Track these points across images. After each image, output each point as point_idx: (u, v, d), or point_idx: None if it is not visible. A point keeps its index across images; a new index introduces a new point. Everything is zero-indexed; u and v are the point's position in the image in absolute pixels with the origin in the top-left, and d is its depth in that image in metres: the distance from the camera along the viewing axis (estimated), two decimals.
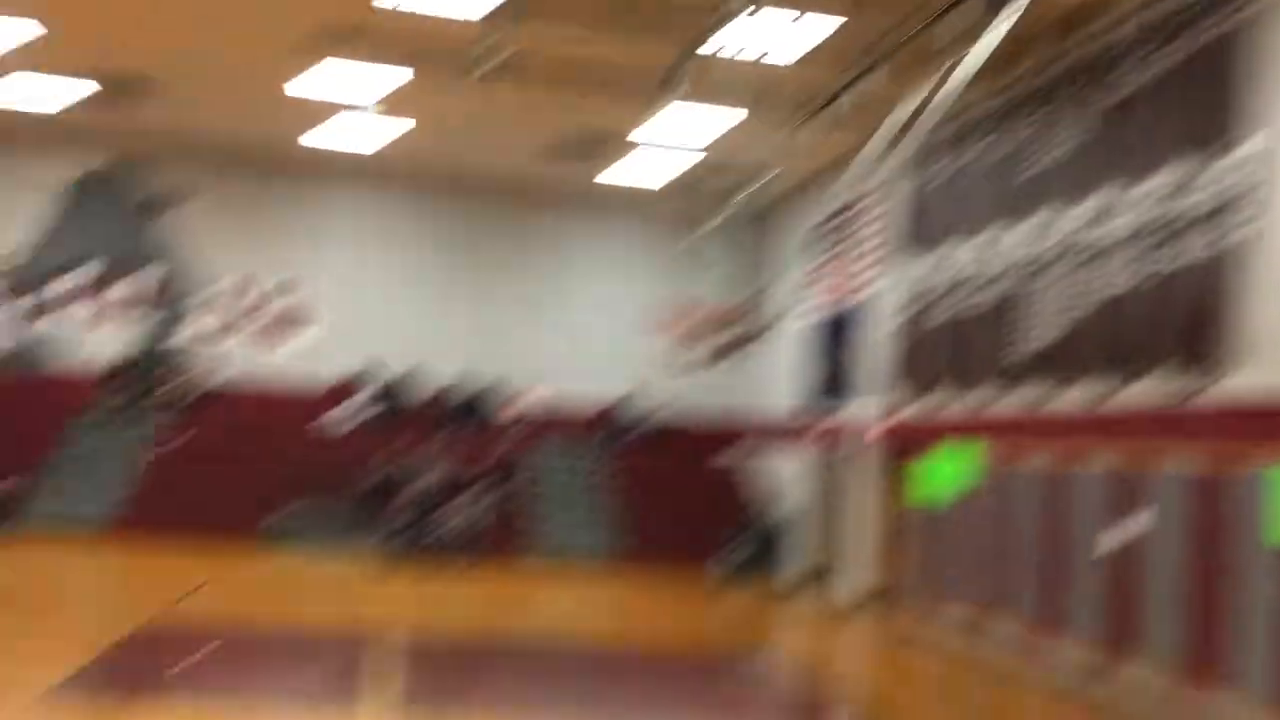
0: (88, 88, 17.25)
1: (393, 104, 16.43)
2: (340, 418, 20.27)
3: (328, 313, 21.03)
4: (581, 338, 21.56)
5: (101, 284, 20.49)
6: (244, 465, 18.37)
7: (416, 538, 17.47)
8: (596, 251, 22.16)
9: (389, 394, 20.71)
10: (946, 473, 13.54)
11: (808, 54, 12.88)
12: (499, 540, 17.92)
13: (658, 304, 17.67)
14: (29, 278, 20.19)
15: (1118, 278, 10.54)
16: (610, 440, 21.01)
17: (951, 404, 13.69)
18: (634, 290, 21.43)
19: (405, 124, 17.45)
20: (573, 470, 20.28)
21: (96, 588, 14.03)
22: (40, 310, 20.24)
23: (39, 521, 16.70)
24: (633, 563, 17.96)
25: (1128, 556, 10.06)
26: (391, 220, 21.74)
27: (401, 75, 15.05)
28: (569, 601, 15.88)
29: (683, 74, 13.17)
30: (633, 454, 20.72)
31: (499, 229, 21.86)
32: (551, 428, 20.78)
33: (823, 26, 12.19)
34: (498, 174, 20.81)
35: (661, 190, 20.06)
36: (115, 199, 20.56)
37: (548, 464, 20.17)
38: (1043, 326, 11.76)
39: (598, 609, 15.53)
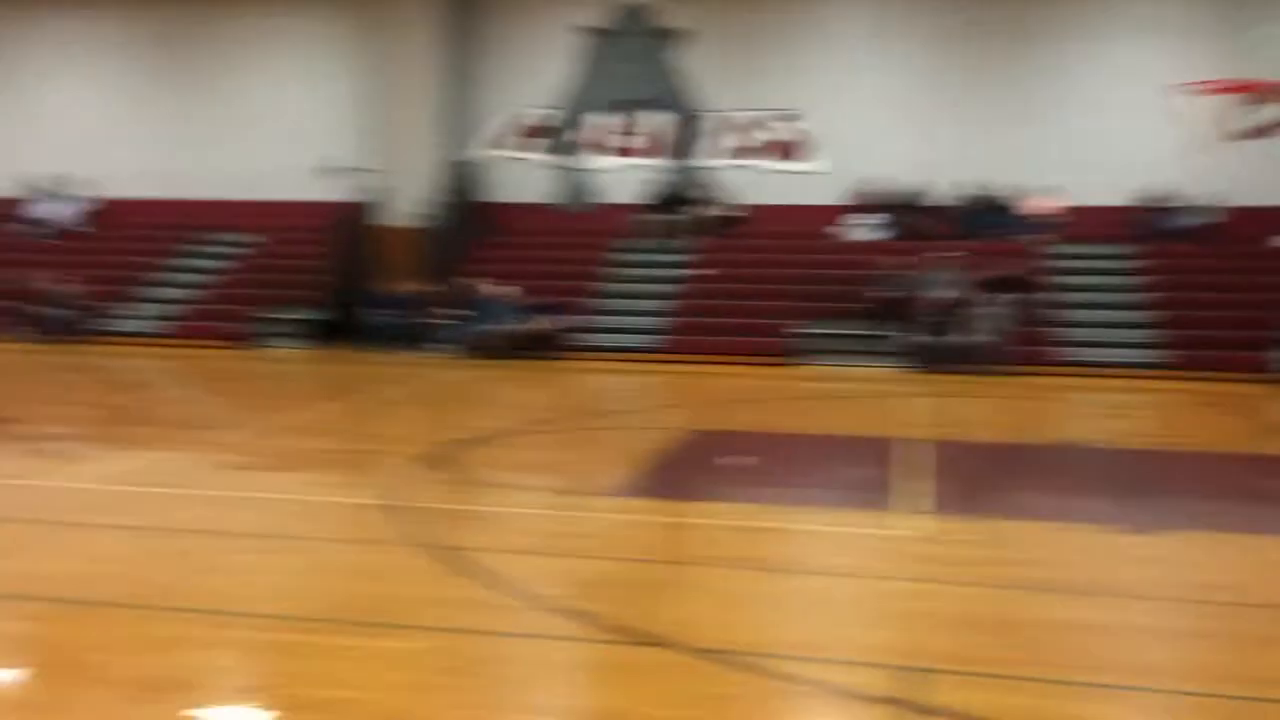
0: None
1: None
2: (856, 233, 20.38)
3: (835, 132, 20.99)
4: (1107, 126, 19.82)
5: (629, 122, 21.89)
6: (767, 285, 19.10)
7: (937, 349, 17.32)
8: (1116, 26, 20.07)
9: (903, 207, 20.44)
10: None
11: None
12: (1022, 350, 17.29)
13: (1199, 78, 15.60)
14: (566, 123, 22.02)
15: None
16: (1144, 237, 19.36)
17: None
18: (1166, 65, 19.26)
19: None
20: (1102, 273, 18.98)
21: (645, 402, 15.36)
22: (578, 153, 22.04)
23: (587, 349, 18.49)
24: (1174, 369, 16.60)
25: None
26: (887, 32, 21.05)
27: None
28: (1103, 408, 15.02)
29: None
30: (1172, 250, 18.97)
31: (1001, 21, 20.46)
32: (1076, 228, 19.51)
33: None
34: None
35: None
36: (632, 41, 21.69)
37: (1074, 268, 19.03)
38: None
39: (1137, 415, 14.55)
